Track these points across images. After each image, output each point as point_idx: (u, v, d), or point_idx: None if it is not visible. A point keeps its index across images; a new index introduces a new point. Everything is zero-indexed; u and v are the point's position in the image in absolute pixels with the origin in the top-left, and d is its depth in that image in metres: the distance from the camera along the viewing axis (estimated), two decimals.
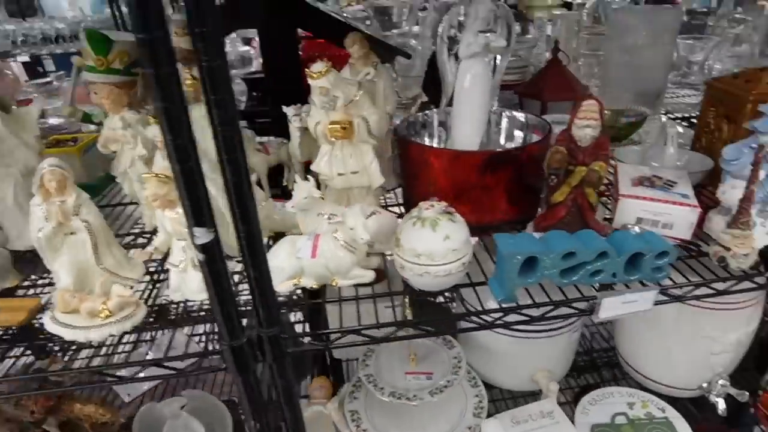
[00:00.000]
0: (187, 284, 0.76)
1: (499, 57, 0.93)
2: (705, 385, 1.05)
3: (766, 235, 0.84)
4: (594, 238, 0.74)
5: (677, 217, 0.84)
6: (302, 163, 1.02)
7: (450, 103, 0.91)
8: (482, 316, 0.77)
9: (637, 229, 0.83)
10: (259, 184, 1.00)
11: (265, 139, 1.09)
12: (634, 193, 0.86)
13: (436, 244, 0.70)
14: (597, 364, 1.27)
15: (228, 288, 0.58)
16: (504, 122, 1.01)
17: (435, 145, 1.02)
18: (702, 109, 1.03)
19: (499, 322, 0.76)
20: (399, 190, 1.04)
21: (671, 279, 0.91)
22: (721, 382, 1.04)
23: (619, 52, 1.36)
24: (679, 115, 1.40)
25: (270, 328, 0.63)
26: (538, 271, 0.71)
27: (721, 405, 1.04)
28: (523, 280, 0.72)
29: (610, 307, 0.75)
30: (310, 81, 0.79)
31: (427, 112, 1.01)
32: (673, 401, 1.07)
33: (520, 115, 1.01)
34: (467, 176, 0.84)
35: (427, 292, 0.77)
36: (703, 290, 0.80)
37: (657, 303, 0.77)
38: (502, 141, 1.03)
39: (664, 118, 1.27)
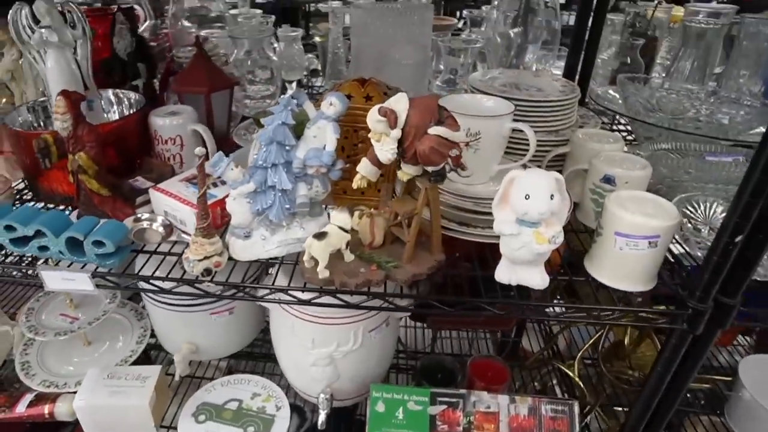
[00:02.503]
0: None
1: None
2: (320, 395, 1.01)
3: (262, 248, 0.80)
4: (50, 220, 0.78)
5: (186, 215, 0.84)
6: None
7: None
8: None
9: (142, 220, 0.85)
10: None
11: None
12: (164, 187, 0.87)
13: None
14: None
15: None
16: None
17: None
18: None
19: None
20: None
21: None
22: (322, 395, 0.99)
23: None
24: None
25: None
26: None
27: (321, 418, 0.99)
28: None
29: (54, 280, 0.80)
30: None
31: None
32: None
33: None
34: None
35: None
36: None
37: (103, 287, 0.80)
38: None
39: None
